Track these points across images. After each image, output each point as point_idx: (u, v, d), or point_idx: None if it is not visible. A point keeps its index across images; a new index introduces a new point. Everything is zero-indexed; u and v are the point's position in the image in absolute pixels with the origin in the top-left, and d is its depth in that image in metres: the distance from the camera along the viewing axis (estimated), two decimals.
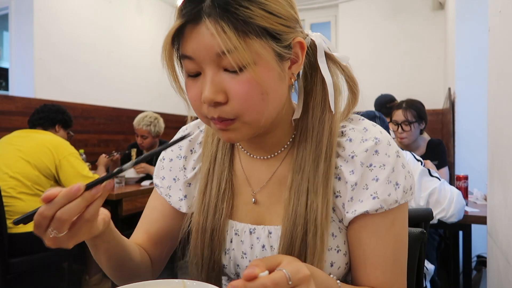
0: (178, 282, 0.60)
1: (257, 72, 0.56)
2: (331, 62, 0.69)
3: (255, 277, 0.44)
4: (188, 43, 0.57)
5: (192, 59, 0.57)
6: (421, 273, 0.91)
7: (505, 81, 1.19)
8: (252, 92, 0.57)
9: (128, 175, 3.15)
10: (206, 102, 0.58)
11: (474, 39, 2.99)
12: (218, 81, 0.57)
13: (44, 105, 2.53)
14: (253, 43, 0.55)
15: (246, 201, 0.74)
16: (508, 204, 1.14)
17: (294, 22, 0.62)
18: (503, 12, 1.20)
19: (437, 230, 2.37)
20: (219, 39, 0.53)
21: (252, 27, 0.55)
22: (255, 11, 0.55)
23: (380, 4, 4.71)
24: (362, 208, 0.64)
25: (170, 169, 0.81)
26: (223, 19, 0.53)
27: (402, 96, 3.29)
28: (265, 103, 0.58)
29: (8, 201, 2.07)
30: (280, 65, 0.60)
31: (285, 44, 0.59)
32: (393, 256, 0.65)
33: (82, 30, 3.70)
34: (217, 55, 0.55)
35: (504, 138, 1.20)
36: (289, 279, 0.45)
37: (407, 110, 2.47)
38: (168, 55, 0.59)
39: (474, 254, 2.56)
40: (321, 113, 0.68)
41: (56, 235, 0.54)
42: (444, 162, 2.54)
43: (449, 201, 1.64)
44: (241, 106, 0.57)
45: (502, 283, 1.23)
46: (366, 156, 0.65)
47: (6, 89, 3.54)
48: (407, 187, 0.66)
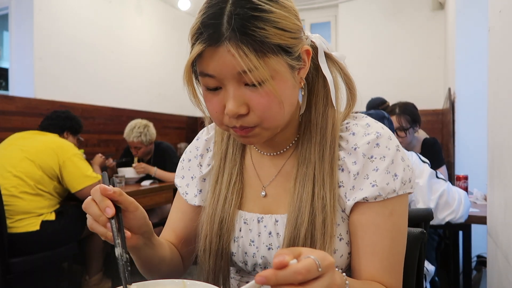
0: (178, 282, 0.60)
1: (275, 86, 0.61)
2: (330, 61, 0.74)
3: (286, 265, 0.42)
4: (209, 63, 0.60)
5: (213, 77, 0.61)
6: (421, 273, 0.91)
7: (505, 81, 1.19)
8: (271, 103, 0.62)
9: (128, 175, 3.15)
10: (230, 115, 0.62)
11: (474, 39, 2.99)
12: (240, 95, 0.62)
13: (54, 112, 2.59)
14: (270, 61, 0.59)
15: (256, 193, 0.79)
16: (508, 204, 1.14)
17: (300, 32, 0.66)
18: (503, 12, 1.20)
19: (436, 230, 2.37)
20: (240, 61, 0.57)
21: (268, 46, 0.59)
22: (269, 30, 0.59)
23: (380, 4, 4.71)
24: (362, 195, 0.68)
25: (189, 169, 0.87)
26: (243, 42, 0.57)
27: (402, 96, 3.29)
28: (282, 111, 0.63)
29: (9, 200, 2.08)
30: (293, 75, 0.65)
31: (295, 56, 0.64)
32: (391, 245, 0.67)
33: (82, 30, 3.70)
34: (238, 74, 0.59)
35: (504, 138, 1.20)
36: (319, 266, 0.43)
37: (401, 116, 2.42)
38: (188, 77, 0.63)
39: (474, 254, 2.56)
40: (323, 109, 0.73)
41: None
42: (441, 161, 2.52)
43: (458, 202, 1.65)
44: (262, 116, 0.63)
45: (502, 283, 1.23)
46: (368, 148, 0.69)
47: (6, 89, 3.54)
48: (406, 179, 0.69)
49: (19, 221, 2.09)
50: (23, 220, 2.10)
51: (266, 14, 0.59)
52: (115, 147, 4.00)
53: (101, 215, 0.61)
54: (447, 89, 3.58)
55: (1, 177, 2.13)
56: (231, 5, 0.59)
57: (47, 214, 2.22)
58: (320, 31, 5.56)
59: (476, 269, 2.71)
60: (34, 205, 2.16)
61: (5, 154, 2.24)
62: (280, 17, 0.60)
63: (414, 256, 0.85)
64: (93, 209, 0.61)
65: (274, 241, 0.73)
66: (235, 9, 0.58)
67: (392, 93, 3.45)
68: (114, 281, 2.64)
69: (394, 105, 2.53)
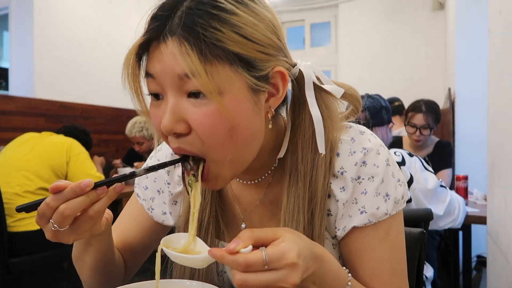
0: (178, 282, 0.60)
1: (223, 104, 0.50)
2: (324, 92, 0.63)
3: (235, 252, 0.44)
4: (152, 61, 0.52)
5: (154, 78, 0.53)
6: (421, 273, 0.91)
7: (505, 81, 1.19)
8: (217, 127, 0.51)
9: None
10: (164, 131, 0.52)
11: (474, 39, 2.99)
12: (179, 108, 0.51)
13: (72, 124, 2.70)
14: (220, 69, 0.50)
15: (236, 224, 0.71)
16: (508, 204, 1.14)
17: (276, 50, 0.56)
18: (503, 12, 1.20)
19: (437, 230, 2.37)
20: (180, 60, 0.49)
21: (221, 52, 0.50)
22: (226, 34, 0.50)
23: (380, 4, 4.71)
24: (351, 223, 0.62)
25: (154, 180, 0.76)
26: (188, 39, 0.49)
27: (402, 96, 3.30)
28: (233, 141, 0.52)
29: (12, 198, 2.08)
30: (254, 97, 0.54)
31: (261, 74, 0.53)
32: (391, 265, 0.62)
33: (82, 30, 3.70)
34: (179, 78, 0.50)
35: (504, 138, 1.20)
36: (266, 263, 0.44)
37: (428, 114, 2.38)
38: (132, 72, 0.54)
39: (474, 254, 2.56)
40: (312, 155, 0.61)
41: (57, 228, 0.53)
42: (448, 164, 2.53)
43: (458, 210, 1.66)
44: (205, 140, 0.52)
45: (502, 283, 1.23)
46: (355, 170, 0.61)
47: (6, 89, 3.54)
48: (398, 197, 0.63)
49: (20, 220, 2.09)
50: (24, 220, 2.10)
51: (226, 15, 0.50)
52: (115, 147, 4.00)
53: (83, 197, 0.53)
54: (447, 89, 3.58)
55: (9, 176, 2.14)
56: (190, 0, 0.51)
57: None
58: (320, 31, 5.58)
59: (476, 269, 2.72)
60: None
61: (15, 153, 2.25)
62: (244, 22, 0.51)
63: (414, 257, 0.85)
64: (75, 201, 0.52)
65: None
66: (192, 3, 0.50)
67: (392, 93, 3.44)
68: None
69: (419, 102, 2.46)
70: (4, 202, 1.99)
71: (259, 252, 0.44)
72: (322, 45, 5.37)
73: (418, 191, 1.49)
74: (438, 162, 2.43)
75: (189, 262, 0.52)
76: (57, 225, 0.53)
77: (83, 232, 0.56)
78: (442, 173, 2.46)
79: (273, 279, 0.44)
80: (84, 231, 0.56)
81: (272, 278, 0.44)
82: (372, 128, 1.73)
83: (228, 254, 0.44)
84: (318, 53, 5.33)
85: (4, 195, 2.02)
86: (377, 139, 0.65)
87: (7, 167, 2.18)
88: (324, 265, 0.51)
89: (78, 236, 0.56)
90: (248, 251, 0.45)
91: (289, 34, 5.60)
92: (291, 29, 5.58)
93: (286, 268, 0.45)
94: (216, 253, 0.45)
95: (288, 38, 5.59)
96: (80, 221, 0.54)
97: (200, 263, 0.51)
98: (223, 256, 0.44)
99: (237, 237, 0.46)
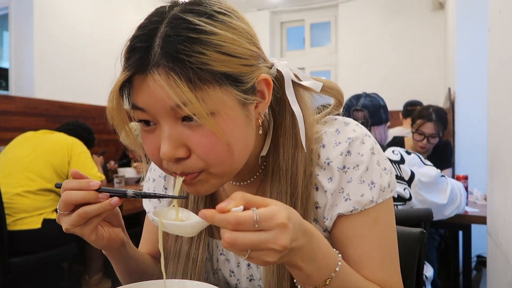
0: (178, 282, 0.61)
1: (218, 124, 0.51)
2: (303, 88, 0.64)
3: (226, 211, 0.44)
4: (139, 95, 0.51)
5: (145, 111, 0.52)
6: (421, 273, 0.91)
7: (505, 81, 1.19)
8: (216, 145, 0.52)
9: (128, 175, 3.16)
10: (165, 159, 0.53)
11: (474, 39, 2.99)
12: (176, 135, 0.52)
13: (76, 121, 2.67)
14: (210, 92, 0.50)
15: None
16: (508, 204, 1.14)
17: (257, 59, 0.56)
18: (503, 12, 1.20)
19: (437, 230, 2.37)
20: (171, 93, 0.48)
21: (208, 75, 0.49)
22: (210, 55, 0.49)
23: (380, 4, 4.72)
24: (336, 211, 0.62)
25: (154, 189, 0.80)
26: (174, 69, 0.48)
27: (402, 96, 3.30)
28: (231, 154, 0.53)
29: (13, 198, 2.08)
30: (245, 110, 0.55)
31: (248, 86, 0.54)
32: (380, 254, 0.62)
33: (82, 30, 3.70)
34: (171, 108, 0.50)
35: (504, 138, 1.20)
36: (256, 222, 0.44)
37: (438, 123, 2.35)
38: (116, 108, 0.53)
39: (474, 254, 2.56)
40: (293, 151, 0.63)
41: (60, 212, 0.59)
42: (448, 163, 2.53)
43: (460, 197, 1.67)
44: (206, 160, 0.53)
45: (502, 283, 1.23)
46: (341, 160, 0.62)
47: (6, 89, 3.54)
48: (384, 185, 0.63)
49: (21, 220, 2.10)
50: (25, 219, 2.11)
51: (207, 36, 0.49)
52: (115, 147, 4.00)
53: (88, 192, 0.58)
54: (447, 89, 3.58)
55: (12, 177, 2.14)
56: (165, 25, 0.50)
57: (49, 212, 2.22)
58: (320, 31, 5.58)
59: (476, 269, 2.71)
60: (37, 204, 2.16)
61: (17, 154, 2.25)
62: (225, 40, 0.51)
63: (414, 256, 0.85)
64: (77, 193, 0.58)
65: (254, 272, 0.69)
66: (169, 30, 0.49)
67: (392, 93, 3.45)
68: (114, 281, 2.64)
69: (428, 110, 2.40)
70: (4, 201, 1.99)
71: (250, 211, 0.44)
72: (322, 45, 5.38)
73: (420, 185, 1.49)
74: (438, 162, 2.44)
75: (179, 229, 0.52)
76: (60, 209, 0.59)
77: (103, 237, 0.63)
78: (443, 172, 2.46)
79: (263, 239, 0.44)
80: (103, 236, 0.63)
81: (262, 238, 0.44)
82: (370, 128, 1.73)
83: (218, 213, 0.44)
84: (318, 53, 5.33)
85: (5, 195, 2.02)
86: (363, 129, 0.66)
87: (9, 168, 2.18)
88: (313, 241, 0.50)
89: (99, 237, 0.62)
90: (239, 210, 0.45)
91: (289, 34, 5.60)
92: (291, 29, 5.58)
93: (276, 228, 0.45)
94: (206, 213, 0.45)
95: (288, 38, 5.61)
96: (74, 215, 0.59)
97: (190, 229, 0.51)
98: (213, 215, 0.44)
99: (229, 197, 0.46)
